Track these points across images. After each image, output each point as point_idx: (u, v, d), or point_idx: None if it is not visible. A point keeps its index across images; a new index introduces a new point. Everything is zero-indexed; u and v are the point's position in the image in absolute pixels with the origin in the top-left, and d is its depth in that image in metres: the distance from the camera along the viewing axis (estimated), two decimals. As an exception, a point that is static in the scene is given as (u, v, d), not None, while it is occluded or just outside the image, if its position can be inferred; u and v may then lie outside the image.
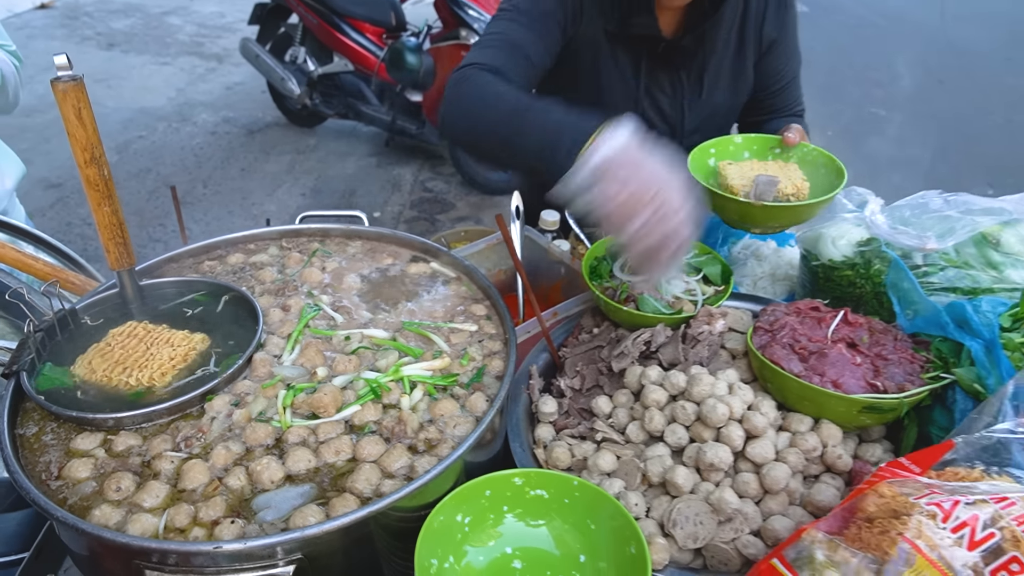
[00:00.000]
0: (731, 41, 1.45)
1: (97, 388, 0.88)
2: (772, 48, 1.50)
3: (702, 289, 1.17)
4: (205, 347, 0.95)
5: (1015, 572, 0.61)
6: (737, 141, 1.35)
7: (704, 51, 1.43)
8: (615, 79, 1.42)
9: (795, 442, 0.94)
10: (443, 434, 0.85)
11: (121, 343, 0.93)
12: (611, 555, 0.79)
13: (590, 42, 1.38)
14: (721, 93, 1.49)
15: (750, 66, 1.50)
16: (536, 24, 1.28)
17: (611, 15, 1.35)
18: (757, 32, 1.47)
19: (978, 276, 1.06)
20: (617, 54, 1.40)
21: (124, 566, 0.72)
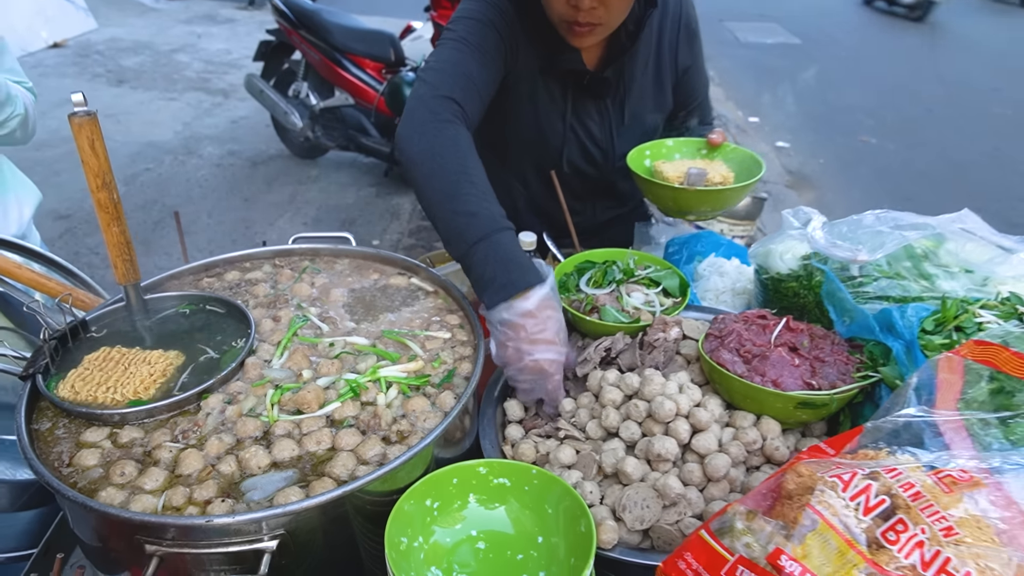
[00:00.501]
0: (648, 70, 1.61)
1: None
2: (686, 73, 1.68)
3: (660, 301, 1.27)
4: (180, 362, 1.03)
5: (900, 531, 0.70)
6: (669, 144, 1.56)
7: (624, 81, 1.58)
8: (549, 108, 1.57)
9: (738, 436, 1.03)
10: (414, 427, 0.95)
11: (99, 366, 1.01)
12: (564, 533, 0.88)
13: (526, 75, 1.52)
14: (644, 118, 1.66)
15: (668, 90, 1.67)
16: (485, 58, 1.39)
17: (541, 52, 1.49)
18: (672, 61, 1.64)
19: (909, 286, 1.15)
20: (549, 85, 1.55)
21: (127, 543, 0.81)
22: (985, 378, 0.86)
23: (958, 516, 0.69)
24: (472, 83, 1.35)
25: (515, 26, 1.45)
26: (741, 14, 13.21)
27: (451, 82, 1.32)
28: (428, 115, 1.24)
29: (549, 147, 1.65)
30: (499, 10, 1.42)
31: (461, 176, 1.16)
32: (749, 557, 0.73)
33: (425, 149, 1.19)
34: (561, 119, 1.61)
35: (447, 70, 1.34)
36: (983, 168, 6.74)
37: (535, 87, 1.54)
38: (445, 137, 1.21)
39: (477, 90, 1.36)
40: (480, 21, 1.41)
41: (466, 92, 1.33)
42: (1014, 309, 1.06)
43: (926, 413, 0.85)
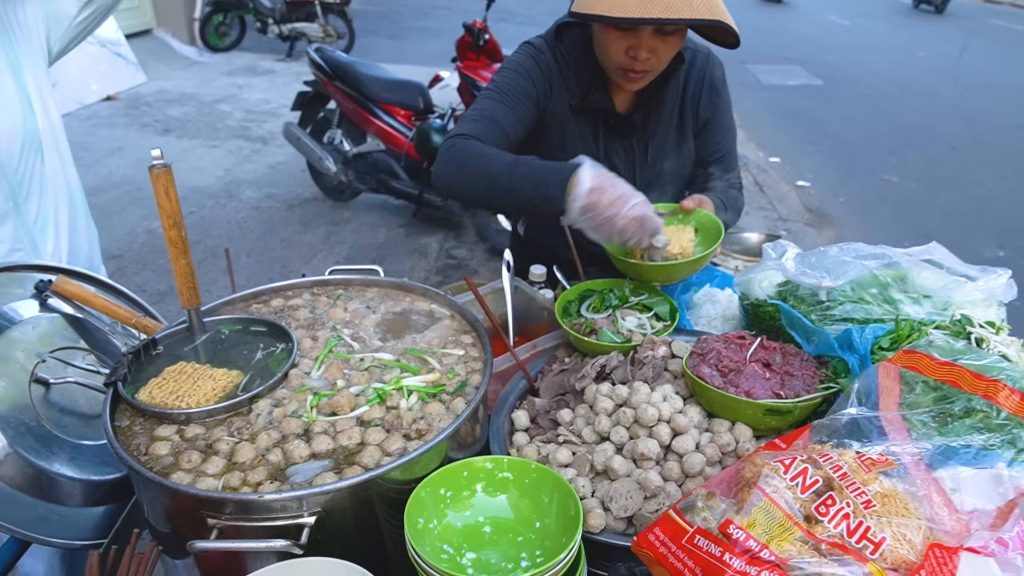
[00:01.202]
0: (673, 118, 1.80)
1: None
2: (707, 125, 1.84)
3: (651, 324, 1.43)
4: (240, 380, 1.21)
5: (830, 506, 0.84)
6: None
7: (649, 125, 1.78)
8: (579, 145, 1.77)
9: (714, 439, 1.17)
10: (431, 426, 1.11)
11: (175, 377, 1.19)
12: (557, 517, 1.03)
13: (558, 114, 1.74)
14: (666, 160, 1.84)
15: (691, 138, 1.84)
16: (513, 102, 1.64)
17: (574, 92, 1.71)
18: (694, 112, 1.81)
19: (872, 309, 1.29)
20: (580, 123, 1.76)
21: (192, 517, 0.98)
22: (920, 383, 1.00)
23: (875, 491, 0.83)
24: (497, 123, 1.62)
25: (552, 72, 1.69)
26: (764, 57, 13.46)
27: (474, 125, 1.59)
28: (445, 149, 1.55)
29: None
30: (535, 60, 1.68)
31: (483, 161, 1.50)
32: (705, 528, 0.87)
33: (452, 171, 1.54)
34: (592, 155, 1.78)
35: (474, 116, 1.62)
36: (1007, 205, 6.78)
37: (567, 124, 1.76)
38: (458, 151, 1.53)
39: (502, 128, 1.62)
40: (515, 71, 1.68)
41: (488, 130, 1.60)
42: (963, 328, 1.19)
43: (870, 412, 0.99)
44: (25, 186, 1.70)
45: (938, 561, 0.80)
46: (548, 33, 1.75)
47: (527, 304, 1.73)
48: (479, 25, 4.79)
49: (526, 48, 1.73)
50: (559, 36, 1.72)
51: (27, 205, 1.71)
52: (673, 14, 1.37)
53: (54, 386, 1.38)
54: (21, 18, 1.78)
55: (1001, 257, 5.70)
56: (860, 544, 0.81)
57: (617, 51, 1.55)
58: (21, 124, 1.67)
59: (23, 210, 1.71)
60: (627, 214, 1.33)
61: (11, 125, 1.64)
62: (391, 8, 16.98)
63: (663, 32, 1.51)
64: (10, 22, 1.76)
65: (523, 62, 1.69)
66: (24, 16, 1.79)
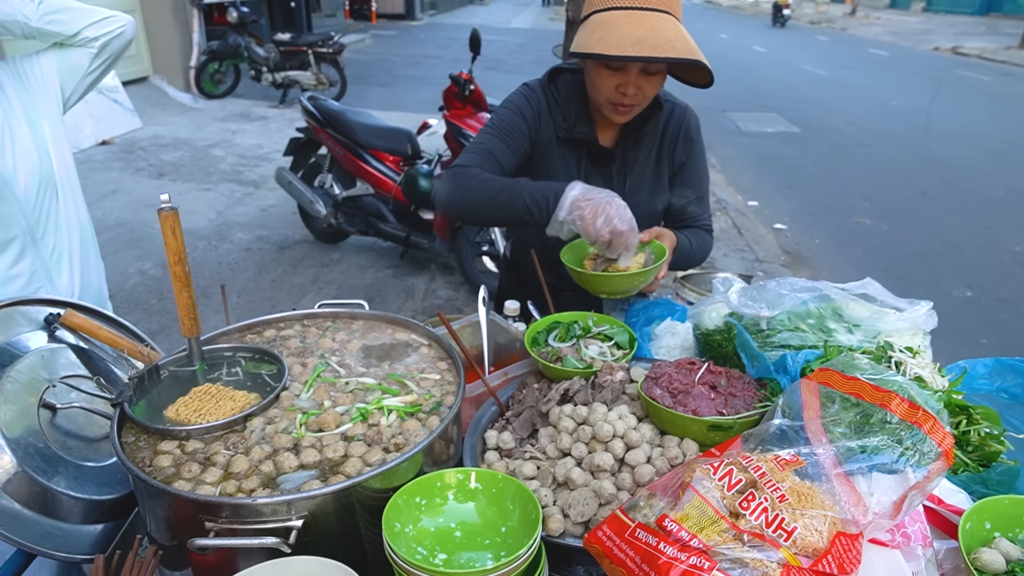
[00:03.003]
0: (651, 159, 2.00)
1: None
2: (681, 169, 2.04)
3: (612, 352, 1.56)
4: (258, 402, 1.34)
5: (751, 501, 0.97)
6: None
7: (628, 160, 1.98)
8: (562, 172, 1.96)
9: (664, 453, 1.30)
10: (408, 441, 1.24)
11: (199, 397, 1.33)
12: (520, 521, 1.14)
13: (545, 144, 1.95)
14: (641, 195, 2.01)
15: (666, 181, 2.04)
16: (507, 137, 1.88)
17: (561, 125, 1.92)
18: (670, 156, 2.01)
19: (807, 337, 1.44)
20: (565, 153, 1.96)
21: (191, 523, 1.10)
22: (839, 398, 1.14)
23: (788, 487, 0.96)
24: (492, 156, 1.85)
25: (541, 108, 1.91)
26: (743, 105, 13.92)
27: (473, 156, 1.84)
28: (448, 177, 1.82)
29: None
30: (527, 99, 1.93)
31: (481, 183, 1.76)
32: (644, 522, 1.00)
33: (452, 191, 1.80)
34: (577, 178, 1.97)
35: (473, 150, 1.86)
36: (975, 247, 7.03)
37: (553, 153, 1.96)
38: (459, 178, 1.79)
39: (497, 160, 1.85)
40: (510, 110, 1.92)
41: (485, 161, 1.84)
42: (884, 353, 1.34)
43: (794, 423, 1.12)
44: (42, 223, 1.85)
45: (843, 547, 0.93)
46: (543, 76, 1.99)
47: (501, 336, 1.86)
48: (465, 76, 5.02)
49: (522, 89, 1.97)
50: (552, 79, 1.96)
51: (44, 241, 1.86)
52: (660, 54, 1.59)
53: (60, 411, 1.49)
54: (37, 71, 1.96)
55: (969, 297, 5.91)
56: (776, 533, 0.93)
57: (608, 87, 1.76)
58: (37, 167, 1.82)
59: (40, 245, 1.85)
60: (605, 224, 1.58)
61: (29, 168, 1.79)
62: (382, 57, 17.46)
63: (648, 72, 1.73)
64: (28, 75, 1.93)
65: (517, 101, 1.93)
66: (40, 69, 1.96)
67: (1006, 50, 22.34)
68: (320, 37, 11.12)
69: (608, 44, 1.60)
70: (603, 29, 1.63)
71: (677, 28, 1.65)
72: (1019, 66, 19.65)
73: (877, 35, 29.06)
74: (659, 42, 1.59)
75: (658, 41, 1.59)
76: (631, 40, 1.59)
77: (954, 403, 1.21)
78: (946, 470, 0.98)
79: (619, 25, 1.62)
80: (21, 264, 1.82)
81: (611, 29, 1.62)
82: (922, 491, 0.96)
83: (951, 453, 0.97)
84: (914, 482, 0.95)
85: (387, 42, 20.57)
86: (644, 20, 1.62)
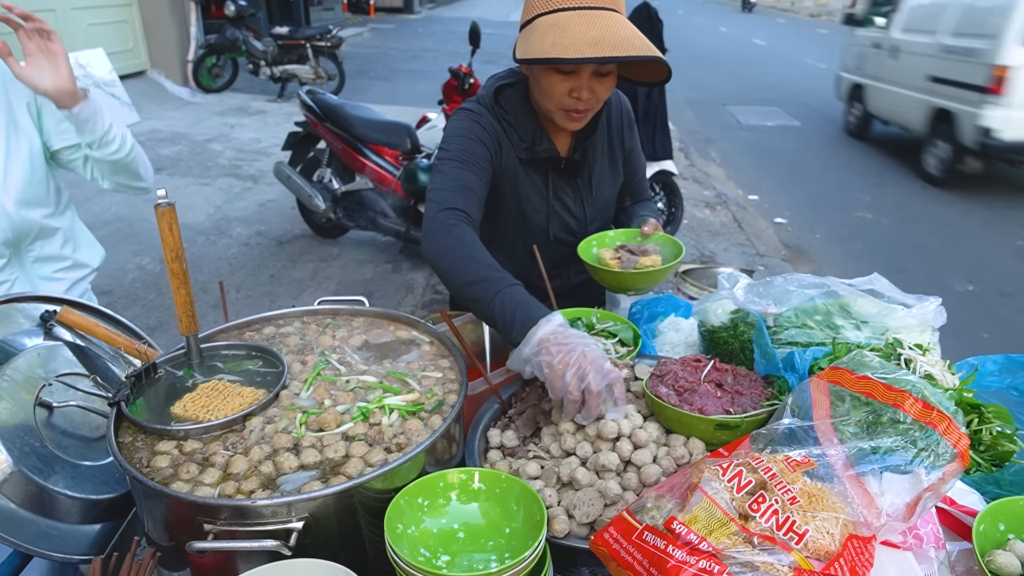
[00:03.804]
0: (605, 151, 2.00)
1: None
2: (630, 154, 2.07)
3: (616, 349, 1.54)
4: (264, 398, 1.32)
5: (761, 503, 0.95)
6: (611, 235, 1.92)
7: (588, 162, 1.96)
8: (531, 191, 1.92)
9: (670, 452, 1.28)
10: (409, 440, 1.21)
11: (207, 393, 1.31)
12: (524, 522, 1.13)
13: (510, 169, 1.87)
14: (605, 189, 2.03)
15: (620, 166, 2.05)
16: (476, 168, 1.74)
17: (520, 147, 1.85)
18: (620, 144, 2.03)
19: (815, 334, 1.42)
20: (530, 173, 1.90)
21: (190, 525, 1.07)
22: (849, 397, 1.12)
23: (799, 488, 0.94)
24: (470, 191, 1.69)
25: (497, 132, 1.82)
26: (743, 99, 13.89)
27: (453, 196, 1.65)
28: (438, 226, 1.59)
29: (534, 225, 1.97)
30: (479, 124, 1.79)
31: (470, 261, 1.50)
32: (652, 525, 0.98)
33: (440, 251, 1.56)
34: (544, 200, 1.94)
35: (449, 186, 1.68)
36: (976, 241, 7.01)
37: (518, 177, 1.89)
38: (452, 238, 1.56)
39: (475, 194, 1.71)
40: (467, 138, 1.76)
41: (466, 199, 1.66)
42: (893, 350, 1.32)
43: (804, 422, 1.10)
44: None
45: (855, 550, 0.91)
46: (485, 96, 1.84)
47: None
48: (464, 69, 4.99)
49: (465, 115, 1.81)
50: (496, 97, 1.83)
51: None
52: (621, 53, 1.52)
53: (57, 409, 1.47)
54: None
55: (970, 291, 5.90)
56: (787, 536, 0.91)
57: (561, 93, 1.68)
58: None
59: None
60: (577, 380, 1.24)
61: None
62: (381, 51, 17.39)
63: (600, 73, 1.67)
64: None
65: (470, 128, 1.78)
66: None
67: (1007, 43, 22.21)
68: (318, 31, 11.07)
69: (564, 47, 1.52)
70: (554, 32, 1.55)
71: (630, 26, 1.60)
72: (1020, 59, 19.56)
73: (877, 28, 28.97)
74: (617, 40, 1.53)
75: (616, 40, 1.53)
76: (588, 41, 1.51)
77: (966, 401, 1.19)
78: (961, 472, 0.96)
79: (571, 26, 1.54)
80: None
81: (563, 31, 1.54)
82: (936, 493, 0.94)
83: (967, 454, 0.95)
84: (928, 484, 0.93)
85: (385, 36, 20.50)
86: (596, 19, 1.55)
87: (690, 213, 7.25)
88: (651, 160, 5.62)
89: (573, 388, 1.24)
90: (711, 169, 9.37)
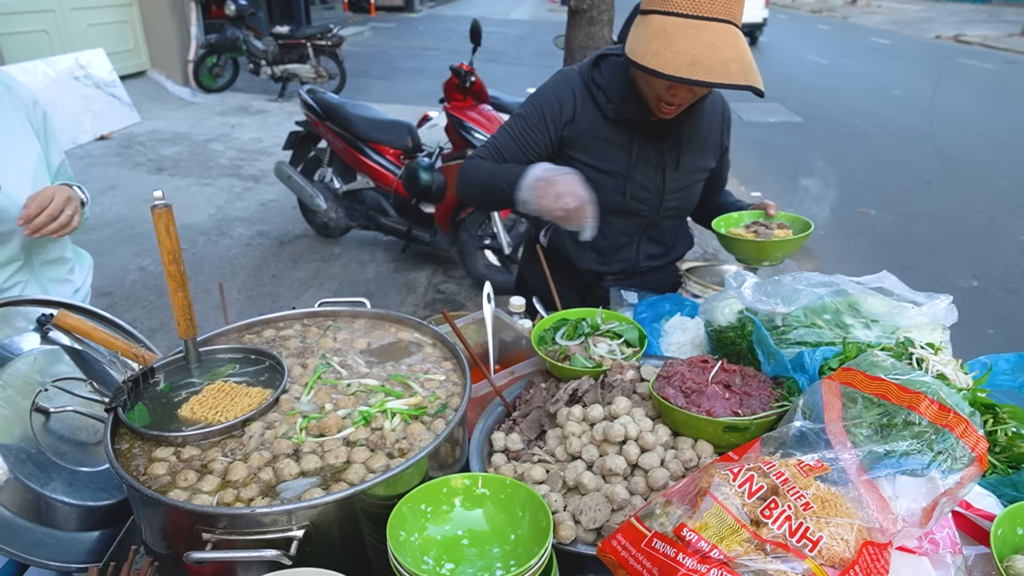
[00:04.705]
0: (700, 133, 2.02)
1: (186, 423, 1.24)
2: (725, 152, 2.13)
3: (621, 350, 1.52)
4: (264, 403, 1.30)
5: (774, 509, 0.92)
6: (735, 216, 2.06)
7: (682, 135, 1.97)
8: (614, 148, 1.96)
9: (678, 455, 1.25)
10: (412, 445, 1.19)
11: (214, 395, 1.29)
12: (530, 528, 1.10)
13: (590, 127, 1.95)
14: (688, 169, 2.04)
15: (712, 155, 2.09)
16: (521, 135, 1.96)
17: (609, 107, 1.91)
18: (719, 139, 2.08)
19: (824, 333, 1.39)
20: (614, 132, 1.95)
21: (188, 533, 1.05)
22: (860, 398, 1.09)
23: (812, 494, 0.91)
24: (499, 150, 1.98)
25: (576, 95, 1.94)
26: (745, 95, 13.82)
27: (485, 150, 2.00)
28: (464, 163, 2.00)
29: (609, 186, 2.00)
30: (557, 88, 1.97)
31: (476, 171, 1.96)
32: (662, 532, 0.95)
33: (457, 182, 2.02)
34: (627, 157, 1.98)
35: (490, 144, 2.01)
36: (980, 237, 6.97)
37: (599, 134, 1.95)
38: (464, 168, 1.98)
39: (504, 157, 1.97)
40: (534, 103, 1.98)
41: (492, 155, 1.98)
42: (904, 349, 1.29)
43: (815, 425, 1.07)
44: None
45: (871, 557, 0.89)
46: (585, 61, 2.00)
47: (506, 333, 1.82)
48: (465, 68, 4.95)
49: (557, 77, 2.02)
50: (596, 63, 1.95)
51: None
52: (713, 79, 1.56)
53: (54, 415, 1.44)
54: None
55: (975, 287, 5.86)
56: (800, 543, 0.89)
57: (659, 87, 1.75)
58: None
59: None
60: (556, 200, 1.69)
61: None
62: (381, 49, 17.35)
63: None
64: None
65: (544, 94, 1.98)
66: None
67: (1008, 37, 22.20)
68: (319, 30, 11.03)
69: (664, 60, 1.57)
70: (659, 40, 1.58)
71: (736, 44, 1.60)
72: (1022, 54, 19.50)
73: (879, 24, 28.92)
74: (714, 64, 1.55)
75: (713, 63, 1.55)
76: (687, 59, 1.54)
77: (980, 401, 1.16)
78: (980, 476, 0.93)
79: (676, 38, 1.57)
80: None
81: (668, 41, 1.57)
82: (953, 498, 0.92)
83: (985, 458, 0.93)
84: (945, 488, 0.90)
85: (386, 34, 20.45)
86: (702, 34, 1.57)
87: (693, 210, 7.19)
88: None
89: (555, 208, 1.71)
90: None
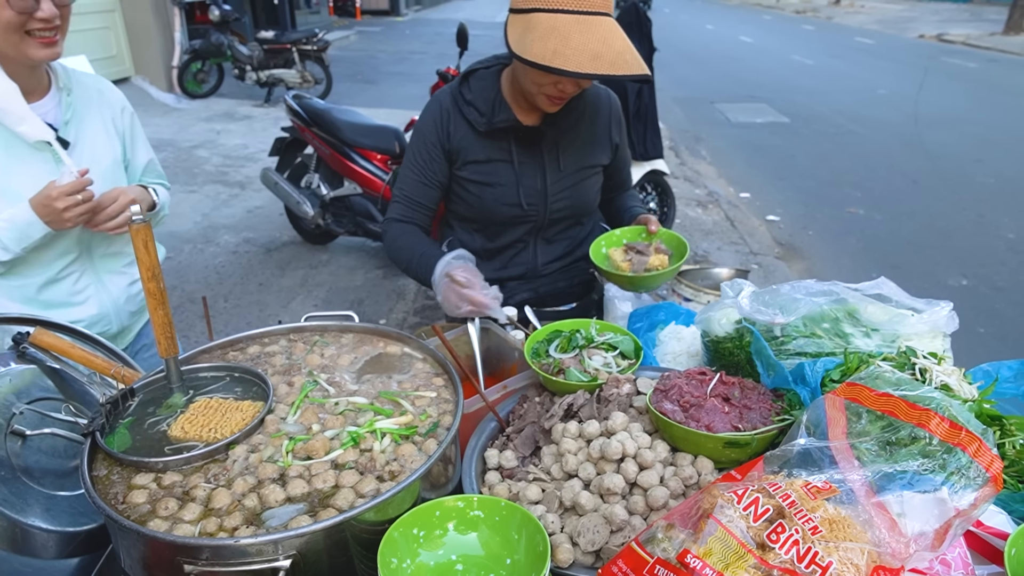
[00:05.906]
0: (582, 130, 2.02)
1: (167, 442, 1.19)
2: (617, 150, 2.13)
3: (617, 362, 1.48)
4: (264, 411, 1.26)
5: (780, 533, 0.89)
6: (617, 234, 2.00)
7: (558, 131, 1.98)
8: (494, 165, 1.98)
9: (678, 473, 1.22)
10: (403, 468, 1.15)
11: (203, 412, 1.25)
12: (526, 552, 1.06)
13: (465, 146, 1.96)
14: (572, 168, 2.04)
15: (602, 152, 2.08)
16: (424, 171, 1.99)
17: (480, 121, 1.92)
18: (607, 135, 2.07)
19: (824, 343, 1.36)
20: (490, 144, 1.97)
21: (169, 565, 1.00)
22: (865, 413, 1.06)
23: (820, 517, 0.88)
24: (413, 200, 2.02)
25: (446, 116, 1.96)
26: (731, 96, 13.88)
27: (399, 208, 2.03)
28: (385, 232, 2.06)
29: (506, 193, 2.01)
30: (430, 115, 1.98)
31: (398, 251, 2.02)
32: (664, 558, 0.91)
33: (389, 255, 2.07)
34: (510, 166, 1.99)
35: (398, 197, 2.04)
36: (968, 235, 7.00)
37: (475, 150, 1.97)
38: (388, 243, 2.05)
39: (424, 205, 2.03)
40: (418, 136, 2.00)
41: (409, 209, 2.03)
42: (907, 360, 1.26)
43: (819, 443, 1.04)
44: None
45: (882, 582, 0.85)
46: (455, 80, 2.02)
47: (498, 345, 1.78)
48: (452, 71, 4.92)
49: (430, 102, 2.03)
50: (465, 80, 1.98)
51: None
52: (616, 71, 1.60)
53: (30, 437, 1.39)
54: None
55: (964, 285, 5.87)
56: (809, 569, 0.85)
57: (548, 83, 1.76)
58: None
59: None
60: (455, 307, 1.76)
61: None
62: (368, 54, 17.28)
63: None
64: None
65: (423, 124, 2.01)
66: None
67: (991, 36, 22.41)
68: (304, 34, 10.95)
69: (566, 58, 1.59)
70: (555, 38, 1.60)
71: (622, 36, 1.67)
72: (1005, 52, 19.70)
73: (862, 23, 29.15)
74: (613, 57, 1.61)
75: (612, 56, 1.61)
76: (588, 55, 1.59)
77: (986, 413, 1.14)
78: (994, 496, 0.90)
79: (572, 35, 1.60)
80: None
81: (564, 39, 1.60)
82: (967, 519, 0.89)
83: (999, 478, 0.90)
84: (958, 510, 0.87)
85: (372, 38, 20.37)
86: (594, 29, 1.62)
87: (682, 212, 7.20)
88: (642, 160, 5.57)
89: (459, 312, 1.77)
90: (702, 167, 9.33)
